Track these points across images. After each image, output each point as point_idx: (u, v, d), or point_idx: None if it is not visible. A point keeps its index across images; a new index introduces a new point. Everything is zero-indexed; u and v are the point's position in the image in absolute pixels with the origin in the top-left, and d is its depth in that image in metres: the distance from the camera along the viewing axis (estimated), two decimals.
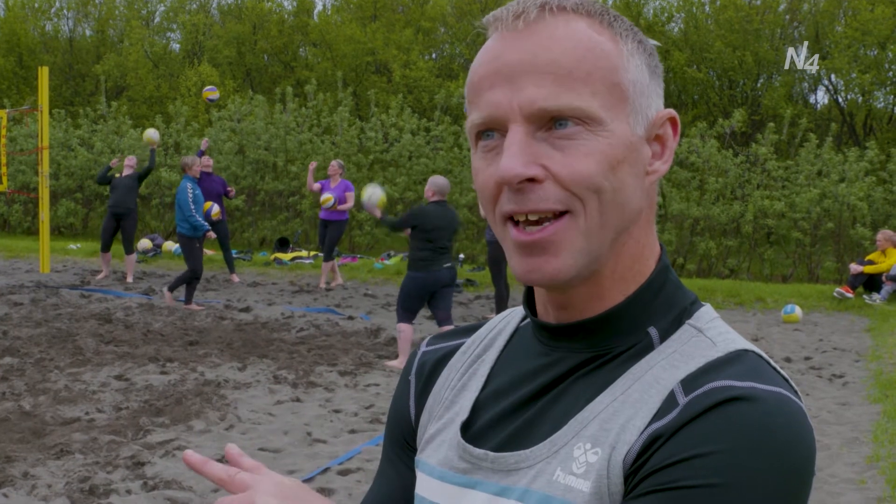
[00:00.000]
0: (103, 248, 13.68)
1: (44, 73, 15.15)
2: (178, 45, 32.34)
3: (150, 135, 13.61)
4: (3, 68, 29.73)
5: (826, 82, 26.09)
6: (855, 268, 13.25)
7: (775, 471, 0.83)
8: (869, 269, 13.17)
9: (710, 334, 0.94)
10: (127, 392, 7.17)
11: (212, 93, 14.16)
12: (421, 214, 8.05)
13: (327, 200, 13.10)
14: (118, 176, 13.47)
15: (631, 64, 0.93)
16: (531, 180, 0.89)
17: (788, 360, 9.38)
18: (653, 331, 0.95)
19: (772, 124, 17.65)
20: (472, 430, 1.01)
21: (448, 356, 1.11)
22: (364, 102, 25.41)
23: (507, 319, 1.10)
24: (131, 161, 13.54)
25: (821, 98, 31.15)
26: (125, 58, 29.50)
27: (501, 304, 10.84)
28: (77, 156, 20.34)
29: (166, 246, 16.67)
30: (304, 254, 15.98)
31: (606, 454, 0.89)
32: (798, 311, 11.89)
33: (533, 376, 0.99)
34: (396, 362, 8.49)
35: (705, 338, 0.94)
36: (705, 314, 0.97)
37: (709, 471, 0.82)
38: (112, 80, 28.90)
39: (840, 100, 26.35)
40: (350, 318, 11.05)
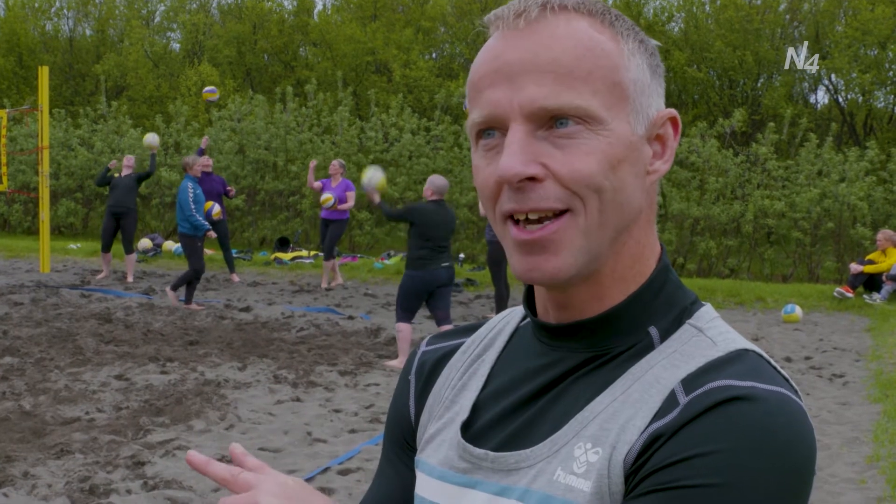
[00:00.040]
0: (104, 249, 13.68)
1: (44, 73, 15.16)
2: (178, 45, 32.36)
3: (149, 140, 13.60)
4: (4, 68, 29.74)
5: (826, 82, 26.09)
6: (855, 267, 13.25)
7: (776, 470, 0.83)
8: (869, 268, 13.16)
9: (710, 334, 0.94)
10: (127, 392, 7.17)
11: (211, 94, 14.16)
12: (419, 211, 8.05)
13: (327, 200, 13.11)
14: (117, 176, 13.47)
15: (632, 63, 0.93)
16: (531, 179, 0.89)
17: (789, 359, 9.37)
18: (653, 330, 0.95)
19: (772, 124, 17.64)
20: (473, 430, 1.01)
21: (448, 356, 1.10)
22: (364, 102, 25.41)
23: (506, 319, 1.09)
24: (130, 161, 13.54)
25: (821, 98, 31.17)
26: (125, 57, 29.50)
27: (501, 304, 10.84)
28: (77, 155, 20.34)
29: (166, 245, 16.67)
30: (304, 253, 15.98)
31: (607, 454, 0.89)
32: (798, 310, 11.89)
33: (533, 376, 0.99)
34: (396, 362, 8.48)
35: (706, 337, 0.94)
36: (706, 314, 0.97)
37: (709, 470, 0.82)
38: (112, 79, 28.90)
39: (840, 99, 26.35)
40: (350, 317, 11.05)
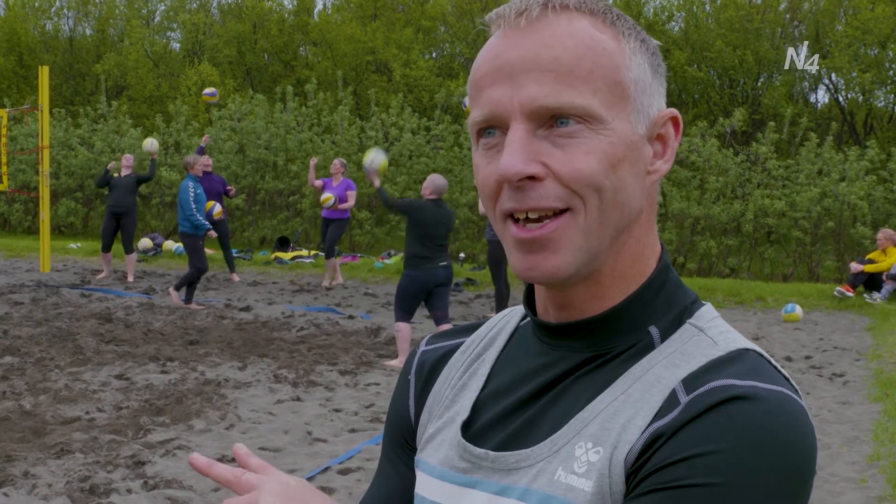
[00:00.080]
0: (104, 249, 13.68)
1: (44, 73, 15.15)
2: (178, 45, 32.35)
3: (148, 147, 13.63)
4: (4, 67, 29.74)
5: (826, 81, 26.08)
6: (855, 267, 13.25)
7: (776, 470, 0.82)
8: (869, 267, 13.16)
9: (710, 333, 0.94)
10: (127, 391, 7.17)
11: (211, 97, 14.17)
12: (418, 206, 8.04)
13: (327, 200, 13.11)
14: (116, 175, 13.47)
15: (633, 63, 0.93)
16: (531, 178, 0.89)
17: (789, 359, 9.37)
18: (653, 330, 0.95)
19: (772, 123, 17.64)
20: (473, 430, 1.00)
21: (448, 355, 1.10)
22: (364, 101, 25.41)
23: (506, 318, 1.09)
24: (128, 161, 13.53)
25: (821, 97, 31.16)
26: (125, 57, 29.49)
27: (502, 304, 10.84)
28: (77, 155, 20.34)
29: (167, 245, 16.67)
30: (304, 253, 15.98)
31: (608, 453, 0.88)
32: (798, 310, 11.89)
33: (533, 375, 0.99)
34: (396, 361, 8.48)
35: (706, 337, 0.94)
36: (706, 313, 0.97)
37: (710, 470, 0.82)
38: (112, 79, 28.89)
39: (840, 99, 26.35)
40: (350, 317, 11.05)
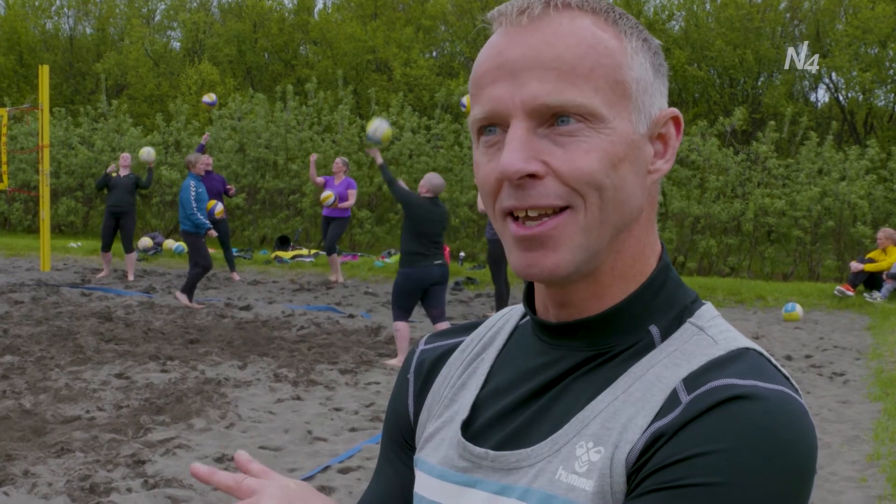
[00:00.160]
0: (104, 248, 13.68)
1: (44, 72, 15.15)
2: (178, 44, 32.32)
3: (145, 156, 13.67)
4: (4, 66, 29.72)
5: (827, 80, 26.06)
6: (855, 266, 13.25)
7: (777, 469, 0.82)
8: (869, 267, 13.16)
9: (711, 332, 0.94)
10: (127, 390, 7.17)
11: (210, 108, 14.24)
12: (415, 203, 8.05)
13: (328, 198, 13.12)
14: (115, 175, 13.47)
15: (635, 62, 0.92)
16: (532, 176, 0.89)
17: (789, 358, 9.37)
18: (654, 329, 0.95)
19: (772, 122, 17.63)
20: (473, 429, 1.00)
21: (447, 354, 1.10)
22: (365, 101, 25.40)
23: (506, 317, 1.09)
24: (126, 161, 13.53)
25: (821, 96, 31.11)
26: (125, 56, 29.47)
27: (501, 303, 10.83)
28: (77, 154, 20.33)
29: (167, 244, 16.67)
30: (304, 252, 15.98)
31: (609, 453, 0.88)
32: (799, 309, 11.89)
33: (533, 374, 0.98)
34: (396, 360, 8.48)
35: (706, 336, 0.93)
36: (706, 312, 0.97)
37: (711, 469, 0.82)
38: (112, 78, 28.88)
39: (841, 98, 26.33)
40: (350, 316, 11.05)
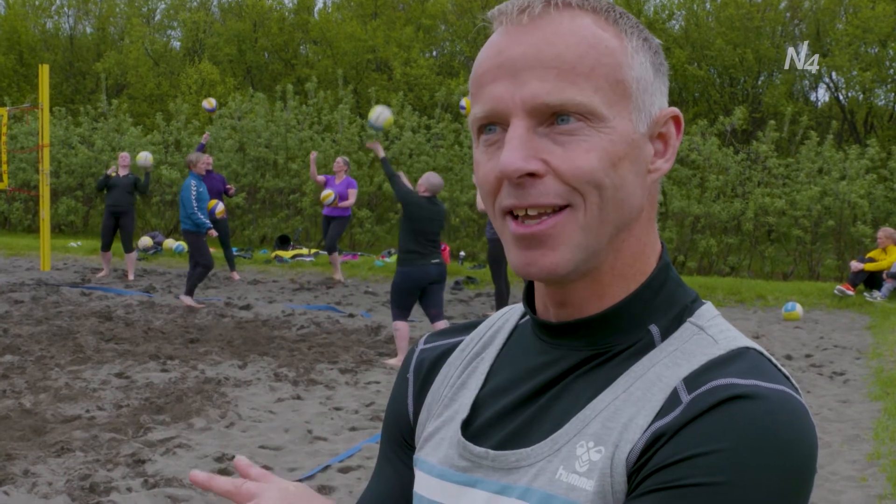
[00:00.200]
0: (104, 248, 13.68)
1: (44, 71, 15.14)
2: (178, 43, 32.33)
3: (142, 162, 13.70)
4: (4, 66, 29.72)
5: (827, 80, 26.06)
6: (856, 265, 13.25)
7: (778, 469, 0.82)
8: (870, 266, 13.16)
9: (711, 332, 0.94)
10: (127, 390, 7.18)
11: (210, 113, 14.30)
12: (414, 201, 8.05)
13: (327, 196, 13.12)
14: (114, 175, 13.47)
15: (635, 61, 0.92)
16: (531, 175, 0.89)
17: (789, 357, 9.37)
18: (654, 329, 0.95)
19: (773, 122, 17.62)
20: (473, 428, 1.00)
21: (447, 353, 1.10)
22: (365, 100, 25.39)
23: (506, 317, 1.09)
24: (125, 160, 13.53)
25: (821, 96, 31.11)
26: (126, 55, 29.47)
27: (502, 302, 10.84)
28: (78, 153, 20.32)
29: (167, 243, 16.67)
30: (304, 251, 15.98)
31: (610, 452, 0.88)
32: (799, 308, 11.88)
33: (533, 374, 0.98)
34: (396, 360, 8.49)
35: (707, 335, 0.93)
36: (706, 312, 0.97)
37: (712, 469, 0.82)
38: (112, 77, 28.88)
39: (841, 97, 26.33)
40: (350, 315, 11.05)
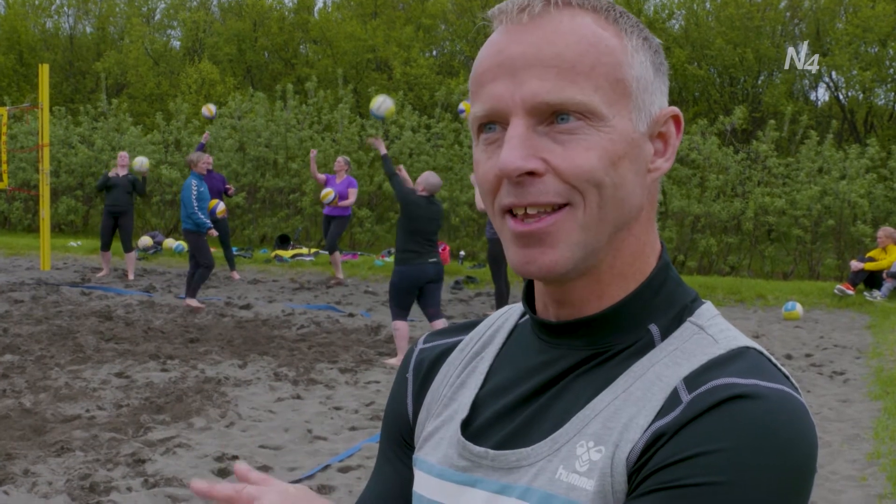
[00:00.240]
0: (103, 248, 13.68)
1: (44, 71, 15.14)
2: (178, 43, 32.32)
3: (139, 167, 13.74)
4: (4, 66, 29.71)
5: (827, 79, 26.05)
6: (856, 265, 13.25)
7: (778, 468, 0.82)
8: (870, 266, 13.16)
9: (711, 331, 0.94)
10: (127, 389, 7.18)
11: (209, 121, 14.30)
12: (412, 201, 8.06)
13: (327, 195, 13.11)
14: (113, 175, 13.48)
15: (635, 60, 0.92)
16: (531, 174, 0.89)
17: (789, 357, 9.37)
18: (654, 328, 0.95)
19: (772, 121, 17.62)
20: (472, 428, 1.00)
21: (446, 353, 1.10)
22: (365, 99, 25.38)
23: (505, 316, 1.09)
24: (124, 160, 13.52)
25: (821, 95, 31.14)
26: (126, 55, 29.47)
27: (501, 301, 10.84)
28: (77, 153, 20.32)
29: (167, 243, 16.67)
30: (304, 251, 15.98)
31: (610, 452, 0.88)
32: (799, 308, 11.88)
33: (533, 373, 0.98)
34: (395, 360, 8.49)
35: (707, 335, 0.93)
36: (706, 311, 0.97)
37: (712, 469, 0.82)
38: (112, 77, 28.88)
39: (841, 97, 26.32)
40: (350, 315, 11.05)
